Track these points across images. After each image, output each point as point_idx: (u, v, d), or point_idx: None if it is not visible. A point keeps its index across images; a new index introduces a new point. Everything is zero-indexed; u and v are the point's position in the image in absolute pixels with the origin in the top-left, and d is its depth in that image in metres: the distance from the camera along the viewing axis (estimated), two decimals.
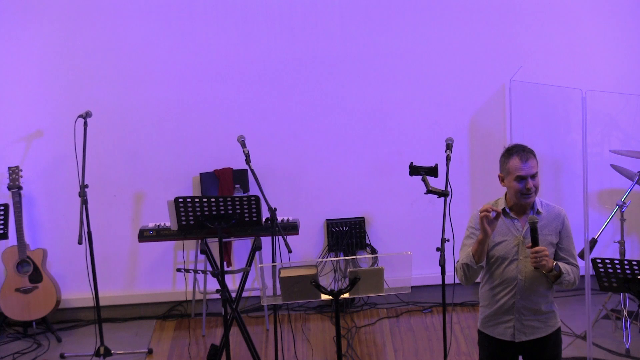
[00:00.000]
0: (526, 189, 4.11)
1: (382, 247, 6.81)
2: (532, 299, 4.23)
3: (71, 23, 6.44)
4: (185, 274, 6.59)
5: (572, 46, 6.67)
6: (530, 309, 4.24)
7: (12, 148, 6.55)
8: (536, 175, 4.13)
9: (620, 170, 6.14)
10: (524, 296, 4.22)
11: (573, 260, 4.23)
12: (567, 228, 4.23)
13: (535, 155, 4.19)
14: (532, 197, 4.15)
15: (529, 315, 4.25)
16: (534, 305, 4.24)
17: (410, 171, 5.44)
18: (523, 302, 4.22)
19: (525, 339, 4.28)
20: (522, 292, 4.21)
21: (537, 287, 4.22)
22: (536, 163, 4.15)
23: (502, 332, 4.30)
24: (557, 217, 4.22)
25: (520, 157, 4.11)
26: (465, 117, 6.71)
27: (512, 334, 4.28)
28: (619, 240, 6.15)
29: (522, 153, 4.12)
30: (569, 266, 4.19)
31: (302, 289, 4.41)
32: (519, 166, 4.11)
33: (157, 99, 6.57)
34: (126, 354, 6.12)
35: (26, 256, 6.37)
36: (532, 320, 4.26)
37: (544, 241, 4.16)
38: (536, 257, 4.05)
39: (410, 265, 5.39)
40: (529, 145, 4.22)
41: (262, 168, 6.31)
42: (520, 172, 4.10)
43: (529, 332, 4.27)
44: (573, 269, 4.20)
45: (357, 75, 6.63)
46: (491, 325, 4.33)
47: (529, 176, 4.11)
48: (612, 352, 5.83)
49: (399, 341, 6.24)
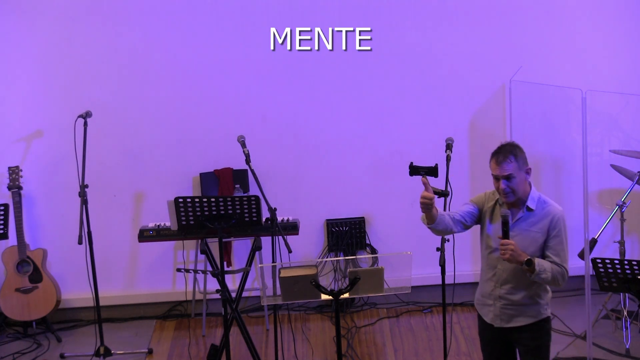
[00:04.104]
0: (499, 189, 4.27)
1: (382, 247, 6.81)
2: (510, 290, 4.35)
3: (71, 23, 6.44)
4: (185, 274, 6.59)
5: (572, 46, 6.67)
6: (507, 299, 4.36)
7: (12, 148, 6.55)
8: (511, 177, 4.24)
9: (620, 170, 6.14)
10: (503, 285, 4.36)
11: (559, 260, 4.26)
12: (558, 228, 4.28)
13: (519, 156, 4.26)
14: (509, 197, 4.27)
15: (508, 304, 4.37)
16: (511, 295, 4.35)
17: (410, 171, 5.43)
18: (501, 290, 4.37)
19: (505, 326, 4.40)
20: (501, 281, 4.37)
21: (516, 279, 4.32)
22: (515, 166, 4.24)
23: (486, 313, 4.48)
24: (547, 216, 4.29)
25: (496, 159, 4.27)
26: (465, 117, 6.71)
27: (491, 318, 4.43)
28: (619, 240, 6.15)
29: (499, 155, 4.27)
30: (550, 265, 4.23)
31: (302, 289, 4.41)
32: (493, 167, 4.28)
33: (157, 99, 6.57)
34: (126, 354, 6.12)
35: (26, 256, 6.37)
36: (509, 309, 4.37)
37: (528, 237, 4.28)
38: (502, 249, 4.19)
39: (410, 265, 5.39)
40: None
41: (262, 168, 6.32)
42: (494, 172, 4.28)
43: (506, 319, 4.39)
44: (555, 268, 4.23)
45: (357, 75, 6.63)
46: (479, 304, 4.52)
47: (502, 177, 4.24)
48: (612, 352, 5.83)
49: (399, 341, 6.24)
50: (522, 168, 4.28)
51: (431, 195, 4.20)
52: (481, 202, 4.46)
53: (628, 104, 6.66)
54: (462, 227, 4.41)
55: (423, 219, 4.34)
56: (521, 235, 4.29)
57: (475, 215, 4.44)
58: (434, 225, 4.30)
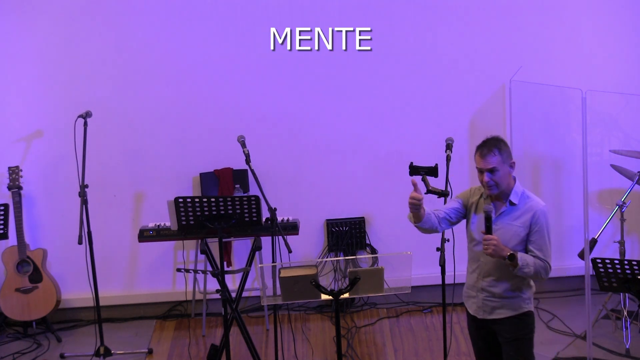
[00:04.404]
0: (483, 182, 4.34)
1: (382, 247, 6.81)
2: (492, 282, 4.42)
3: (71, 23, 6.44)
4: (185, 274, 6.59)
5: (572, 46, 6.67)
6: (489, 291, 4.44)
7: (12, 148, 6.55)
8: (495, 170, 4.31)
9: (620, 170, 6.14)
10: (485, 278, 4.44)
11: (541, 254, 4.33)
12: (539, 223, 4.34)
13: (503, 150, 4.32)
14: (492, 190, 4.35)
15: (490, 296, 4.44)
16: (493, 287, 4.42)
17: (410, 171, 5.44)
18: (484, 282, 4.45)
19: (487, 317, 4.47)
20: (483, 273, 4.45)
21: (499, 271, 4.39)
22: (499, 159, 4.31)
23: (470, 305, 4.57)
24: (530, 211, 4.35)
25: (480, 152, 4.34)
26: (465, 117, 6.71)
27: (475, 310, 4.51)
28: (619, 240, 6.15)
29: (483, 148, 4.34)
30: (533, 260, 4.30)
31: (302, 289, 4.42)
32: (478, 160, 4.35)
33: (157, 99, 6.57)
34: (126, 354, 6.12)
35: (26, 256, 6.37)
36: (490, 301, 4.44)
37: (510, 231, 4.35)
38: (484, 244, 4.26)
39: (410, 265, 5.38)
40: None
41: (262, 168, 6.32)
42: (478, 165, 4.35)
43: (488, 311, 4.46)
44: (537, 262, 4.30)
45: (357, 75, 6.63)
46: (465, 296, 4.59)
47: (486, 170, 4.31)
48: (612, 352, 5.83)
49: (399, 341, 6.24)
50: (506, 162, 4.34)
51: (420, 196, 4.29)
52: (466, 197, 4.54)
53: (628, 104, 6.66)
54: (447, 224, 4.51)
55: (410, 218, 4.42)
56: (504, 229, 4.37)
57: (461, 211, 4.53)
58: (421, 224, 4.41)
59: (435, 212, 4.47)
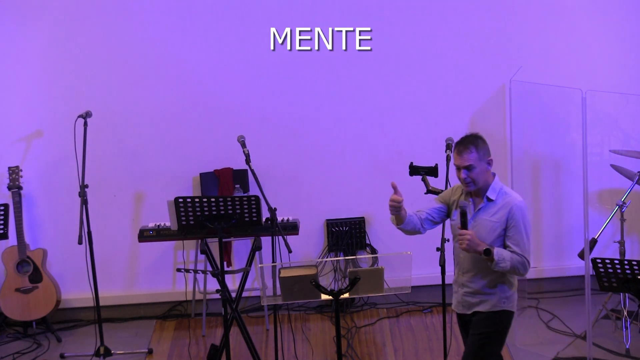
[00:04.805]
0: (460, 179, 4.40)
1: (382, 247, 6.81)
2: (471, 278, 4.48)
3: (71, 23, 6.44)
4: (185, 274, 6.59)
5: (572, 46, 6.67)
6: (468, 286, 4.50)
7: (12, 148, 6.55)
8: (472, 168, 4.35)
9: (620, 170, 6.14)
10: (465, 273, 4.51)
11: (519, 250, 4.36)
12: (516, 219, 4.37)
13: (481, 147, 4.36)
14: (470, 186, 4.40)
15: (468, 291, 4.50)
16: (472, 283, 4.48)
17: (410, 171, 5.45)
18: (463, 278, 4.52)
19: (466, 312, 4.54)
20: (462, 269, 4.52)
21: (476, 268, 4.44)
22: (475, 156, 4.35)
23: (453, 300, 4.65)
24: (506, 206, 4.39)
25: (457, 150, 4.39)
26: (465, 117, 6.71)
27: (455, 305, 4.60)
28: (619, 240, 6.15)
29: (460, 146, 4.39)
30: (510, 255, 4.33)
31: (302, 289, 4.42)
32: (455, 157, 4.41)
33: (157, 99, 6.57)
34: (126, 354, 6.12)
35: (26, 256, 6.37)
36: (469, 297, 4.50)
37: (487, 226, 4.39)
38: (459, 239, 4.33)
39: (410, 265, 5.37)
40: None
41: (262, 168, 6.31)
42: (456, 162, 4.41)
43: (467, 306, 4.52)
44: (515, 257, 4.33)
45: (357, 75, 6.63)
46: (453, 292, 4.66)
47: (463, 167, 4.36)
48: (612, 352, 5.83)
49: (399, 341, 6.24)
50: (483, 159, 4.38)
51: (400, 199, 4.37)
52: (447, 196, 4.60)
53: (628, 104, 6.66)
54: (430, 224, 4.59)
55: (392, 220, 4.50)
56: (481, 225, 4.41)
57: (444, 210, 4.59)
58: (403, 225, 4.49)
59: (418, 214, 4.54)
